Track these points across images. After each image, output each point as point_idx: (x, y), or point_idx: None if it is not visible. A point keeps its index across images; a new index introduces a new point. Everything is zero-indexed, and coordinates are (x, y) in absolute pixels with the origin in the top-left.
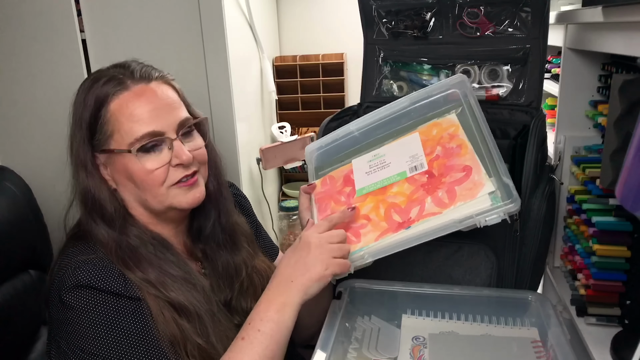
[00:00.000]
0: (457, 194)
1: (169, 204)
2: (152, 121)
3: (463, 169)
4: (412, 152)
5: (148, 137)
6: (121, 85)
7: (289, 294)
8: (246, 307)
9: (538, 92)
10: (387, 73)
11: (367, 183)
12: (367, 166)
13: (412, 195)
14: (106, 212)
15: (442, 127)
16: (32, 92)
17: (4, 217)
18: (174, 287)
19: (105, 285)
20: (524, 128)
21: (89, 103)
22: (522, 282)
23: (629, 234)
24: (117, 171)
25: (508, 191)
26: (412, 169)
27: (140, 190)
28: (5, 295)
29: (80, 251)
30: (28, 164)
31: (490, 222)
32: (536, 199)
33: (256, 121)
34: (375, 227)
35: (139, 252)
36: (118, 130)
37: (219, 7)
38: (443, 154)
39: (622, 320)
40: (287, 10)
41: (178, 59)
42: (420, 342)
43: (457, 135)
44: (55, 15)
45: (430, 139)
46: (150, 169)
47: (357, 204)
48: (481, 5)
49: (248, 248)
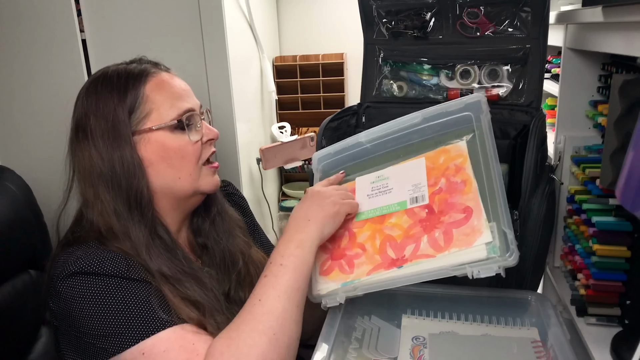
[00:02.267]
0: (454, 239)
1: (199, 185)
2: (187, 99)
3: (464, 210)
4: (416, 180)
5: (185, 113)
6: (149, 71)
7: (308, 231)
8: (243, 297)
9: (538, 92)
10: (387, 73)
11: (367, 208)
12: (370, 188)
13: (409, 230)
14: (143, 197)
15: (450, 155)
16: (32, 92)
17: (4, 217)
18: (191, 283)
19: (102, 269)
20: (524, 128)
21: (123, 90)
22: (522, 282)
23: (629, 234)
24: (152, 151)
25: (506, 244)
26: (413, 200)
27: (174, 170)
28: (5, 295)
29: (80, 249)
30: (28, 164)
31: (483, 275)
32: (536, 199)
33: (256, 121)
34: (369, 259)
35: (160, 249)
36: (157, 108)
37: (219, 7)
38: (446, 188)
39: (622, 320)
40: (287, 10)
41: (178, 59)
42: (420, 342)
43: (464, 168)
44: (55, 15)
45: (436, 167)
46: (194, 140)
47: (355, 229)
48: (481, 5)
49: (243, 237)
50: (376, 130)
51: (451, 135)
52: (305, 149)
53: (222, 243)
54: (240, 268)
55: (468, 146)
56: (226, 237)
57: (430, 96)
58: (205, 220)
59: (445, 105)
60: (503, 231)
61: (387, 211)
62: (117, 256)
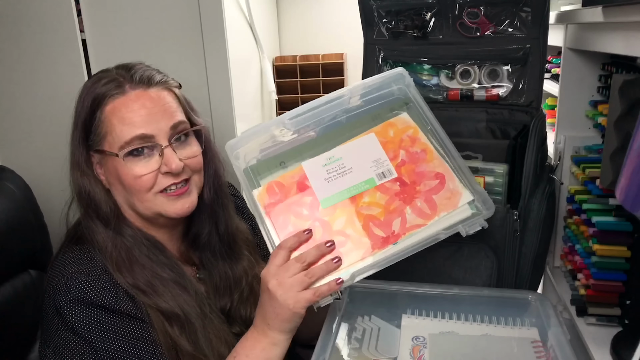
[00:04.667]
0: (437, 204)
1: (156, 211)
2: (143, 125)
3: (435, 176)
4: (374, 156)
5: (137, 140)
6: (119, 88)
7: (271, 336)
8: (245, 315)
9: (538, 92)
10: None
11: (330, 192)
12: (324, 171)
13: (388, 206)
14: (101, 211)
15: (398, 127)
16: (32, 92)
17: (4, 217)
18: (164, 291)
19: (98, 299)
20: (524, 128)
21: (86, 103)
22: (522, 282)
23: (629, 234)
24: (109, 173)
25: (484, 199)
26: (380, 175)
27: (128, 194)
28: (5, 295)
29: (75, 259)
30: (28, 164)
31: (471, 232)
32: (536, 199)
33: (256, 121)
34: (356, 244)
35: (132, 254)
36: (110, 132)
37: (219, 7)
38: (409, 159)
39: (622, 320)
40: (287, 10)
41: (178, 59)
42: (420, 342)
43: (418, 138)
44: (55, 15)
45: (389, 141)
46: (137, 174)
47: (326, 217)
48: (481, 5)
49: (249, 256)
50: (298, 110)
51: (384, 110)
52: None
53: (222, 265)
54: (244, 288)
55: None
56: (228, 257)
57: (431, 96)
58: (199, 233)
59: (368, 82)
60: (476, 189)
61: (356, 191)
62: (107, 283)
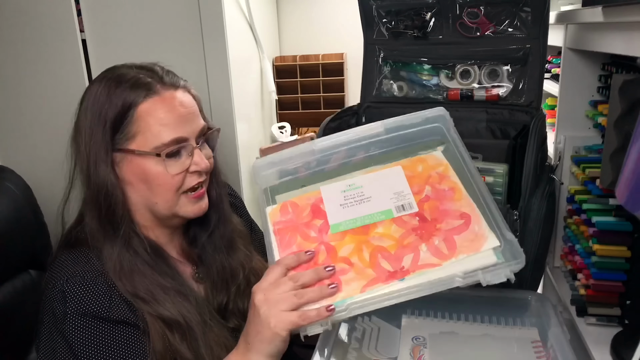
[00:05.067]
0: (458, 245)
1: (176, 211)
2: (179, 127)
3: (461, 216)
4: (397, 188)
5: (175, 142)
6: (151, 89)
7: (250, 358)
8: (242, 307)
9: (538, 92)
10: (387, 73)
11: (343, 218)
12: (342, 197)
13: (402, 240)
14: (117, 214)
15: (428, 164)
16: (32, 92)
17: (4, 217)
18: (165, 298)
19: (91, 308)
20: (524, 128)
21: (116, 102)
22: (522, 282)
23: (629, 234)
24: (132, 172)
25: (514, 248)
26: (399, 208)
27: (151, 193)
28: (5, 295)
29: (72, 260)
30: (28, 164)
31: (493, 282)
32: (536, 199)
33: (256, 121)
34: (359, 274)
35: (135, 263)
36: (144, 132)
37: (219, 7)
38: (434, 195)
39: (622, 320)
40: (287, 10)
41: (178, 59)
42: (420, 342)
43: (448, 176)
44: (55, 15)
45: (416, 175)
46: (172, 173)
47: (333, 242)
48: (481, 5)
49: (245, 250)
50: (331, 138)
51: (418, 147)
52: None
53: (220, 259)
54: (240, 282)
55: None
56: (226, 251)
57: (430, 96)
58: (202, 230)
59: (406, 118)
60: (506, 237)
61: (369, 221)
62: (103, 287)
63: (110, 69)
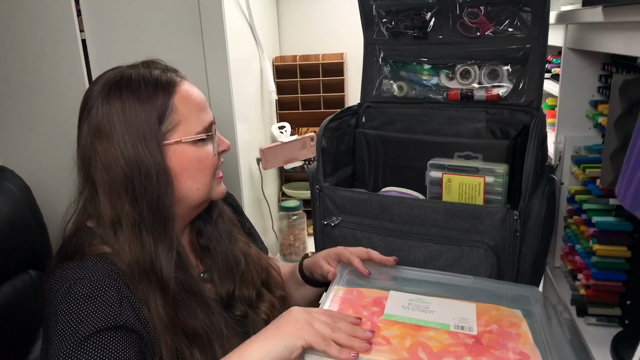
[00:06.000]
0: None
1: (208, 194)
2: (207, 110)
3: (519, 353)
4: (463, 315)
5: (211, 124)
6: (173, 81)
7: (262, 335)
8: (248, 295)
9: (538, 92)
10: (387, 73)
11: (400, 313)
12: (407, 302)
13: (449, 347)
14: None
15: (503, 312)
16: (32, 92)
17: (4, 217)
18: (188, 310)
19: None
20: (524, 128)
21: (150, 105)
22: (522, 282)
23: (629, 234)
24: (175, 162)
25: None
26: (458, 326)
27: (193, 181)
28: (5, 295)
29: (78, 265)
30: (28, 164)
31: None
32: (536, 199)
33: (256, 121)
34: (393, 352)
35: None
36: (184, 121)
37: (219, 7)
38: (498, 332)
39: (622, 320)
40: (287, 10)
41: (178, 59)
42: None
43: (520, 326)
44: (55, 15)
45: (487, 315)
46: (211, 154)
47: (380, 324)
48: (481, 5)
49: (242, 237)
50: (416, 274)
51: (504, 303)
52: (305, 149)
53: (224, 245)
54: (243, 269)
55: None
56: (228, 239)
57: (430, 96)
58: (207, 222)
59: (498, 285)
60: None
61: (424, 324)
62: (109, 285)
63: (116, 75)
